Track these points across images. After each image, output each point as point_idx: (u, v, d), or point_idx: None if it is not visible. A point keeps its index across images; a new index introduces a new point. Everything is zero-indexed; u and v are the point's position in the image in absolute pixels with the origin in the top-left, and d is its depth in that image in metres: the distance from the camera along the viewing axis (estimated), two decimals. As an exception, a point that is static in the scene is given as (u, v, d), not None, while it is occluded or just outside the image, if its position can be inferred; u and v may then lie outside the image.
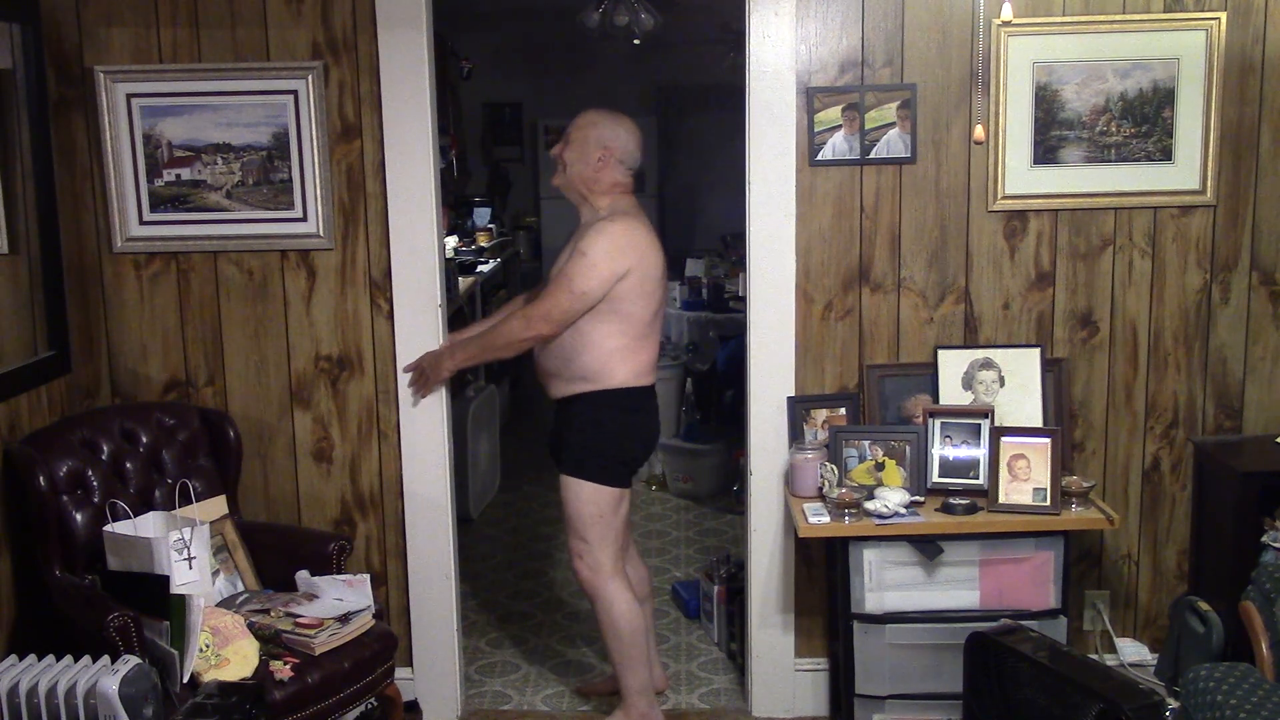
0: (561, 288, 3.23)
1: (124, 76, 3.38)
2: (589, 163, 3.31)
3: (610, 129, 3.32)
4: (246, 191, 3.46)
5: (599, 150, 3.30)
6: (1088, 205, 3.45)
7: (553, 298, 3.24)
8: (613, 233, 3.24)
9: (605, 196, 3.33)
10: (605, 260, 3.20)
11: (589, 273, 3.20)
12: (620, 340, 3.28)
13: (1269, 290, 3.50)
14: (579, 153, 3.32)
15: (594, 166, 3.30)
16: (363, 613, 3.07)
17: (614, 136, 3.32)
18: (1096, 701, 2.57)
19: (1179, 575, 3.64)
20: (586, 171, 3.31)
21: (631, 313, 3.27)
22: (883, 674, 3.24)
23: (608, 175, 3.32)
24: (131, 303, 3.51)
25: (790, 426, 3.50)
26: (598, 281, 3.20)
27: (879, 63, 3.40)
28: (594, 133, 3.31)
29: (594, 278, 3.20)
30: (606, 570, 3.37)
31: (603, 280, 3.20)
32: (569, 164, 3.34)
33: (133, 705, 2.56)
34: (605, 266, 3.20)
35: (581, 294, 3.21)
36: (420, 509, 3.59)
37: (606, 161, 3.31)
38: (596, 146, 3.30)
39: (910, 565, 3.22)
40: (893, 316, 3.51)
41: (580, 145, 3.32)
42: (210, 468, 3.38)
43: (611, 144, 3.31)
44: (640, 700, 3.45)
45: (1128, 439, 3.57)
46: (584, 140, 3.31)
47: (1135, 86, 3.39)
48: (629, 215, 3.31)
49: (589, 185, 3.32)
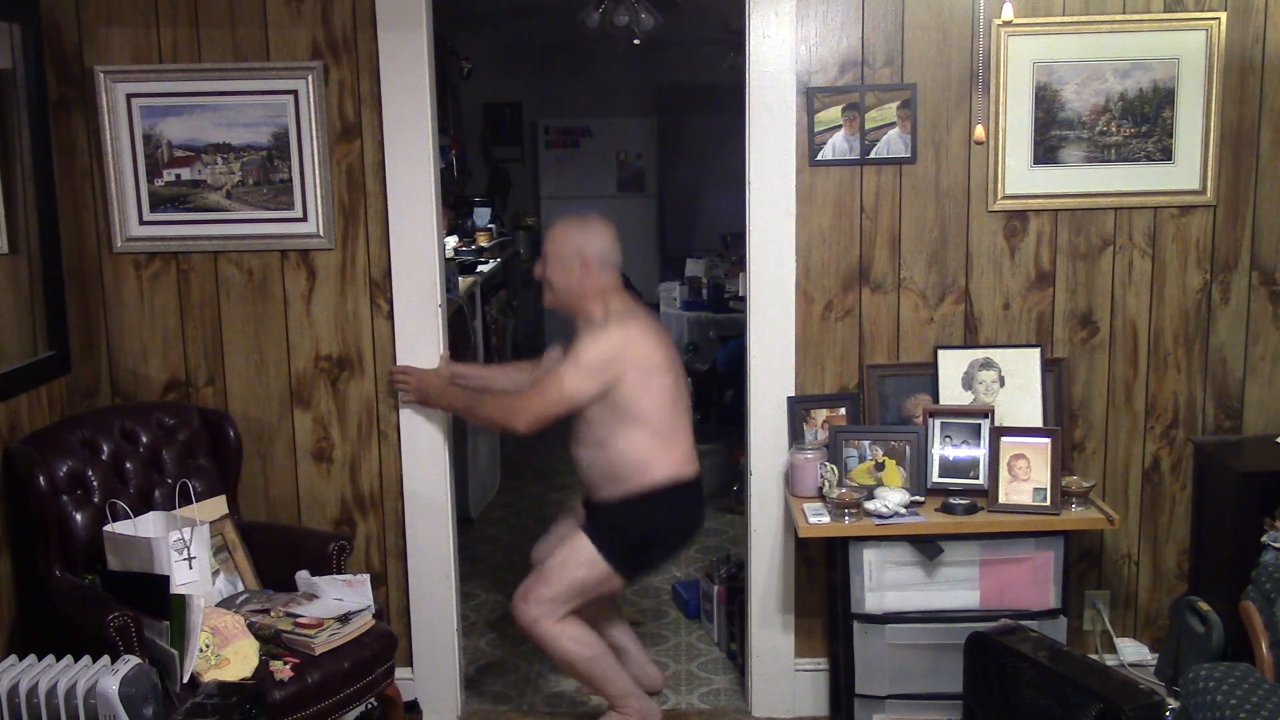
0: (551, 389, 3.25)
1: (124, 76, 3.38)
2: (573, 277, 3.32)
3: (581, 237, 3.34)
4: (246, 191, 3.46)
5: (577, 262, 3.31)
6: (1088, 205, 3.45)
7: (541, 397, 3.26)
8: (605, 338, 3.26)
9: (596, 302, 3.33)
10: (597, 366, 3.23)
11: (579, 378, 3.23)
12: (649, 441, 3.30)
13: (1269, 290, 3.50)
14: (559, 269, 3.34)
15: (578, 279, 3.32)
16: (363, 613, 3.07)
17: (587, 243, 3.32)
18: (1096, 701, 2.57)
19: (1179, 575, 3.64)
20: (573, 285, 3.33)
21: (646, 411, 3.28)
22: (883, 674, 3.24)
23: (592, 282, 3.33)
24: (131, 303, 3.51)
25: (790, 426, 3.50)
26: (587, 386, 3.23)
27: (879, 63, 3.40)
28: (567, 246, 3.33)
29: (583, 383, 3.23)
30: (547, 616, 3.31)
31: (592, 385, 3.23)
32: (553, 282, 3.36)
33: (133, 705, 2.56)
34: (596, 373, 3.23)
35: (570, 397, 3.24)
36: (420, 509, 3.59)
37: (588, 269, 3.32)
38: (574, 259, 3.32)
39: (910, 565, 3.22)
40: (893, 316, 3.51)
41: (558, 261, 3.34)
42: (210, 468, 3.38)
43: (586, 251, 3.32)
44: (630, 700, 3.44)
45: (1128, 439, 3.57)
46: (560, 256, 3.33)
47: (1135, 86, 3.39)
48: (623, 318, 3.32)
49: (578, 297, 3.34)
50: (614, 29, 6.41)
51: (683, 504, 3.41)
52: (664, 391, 3.31)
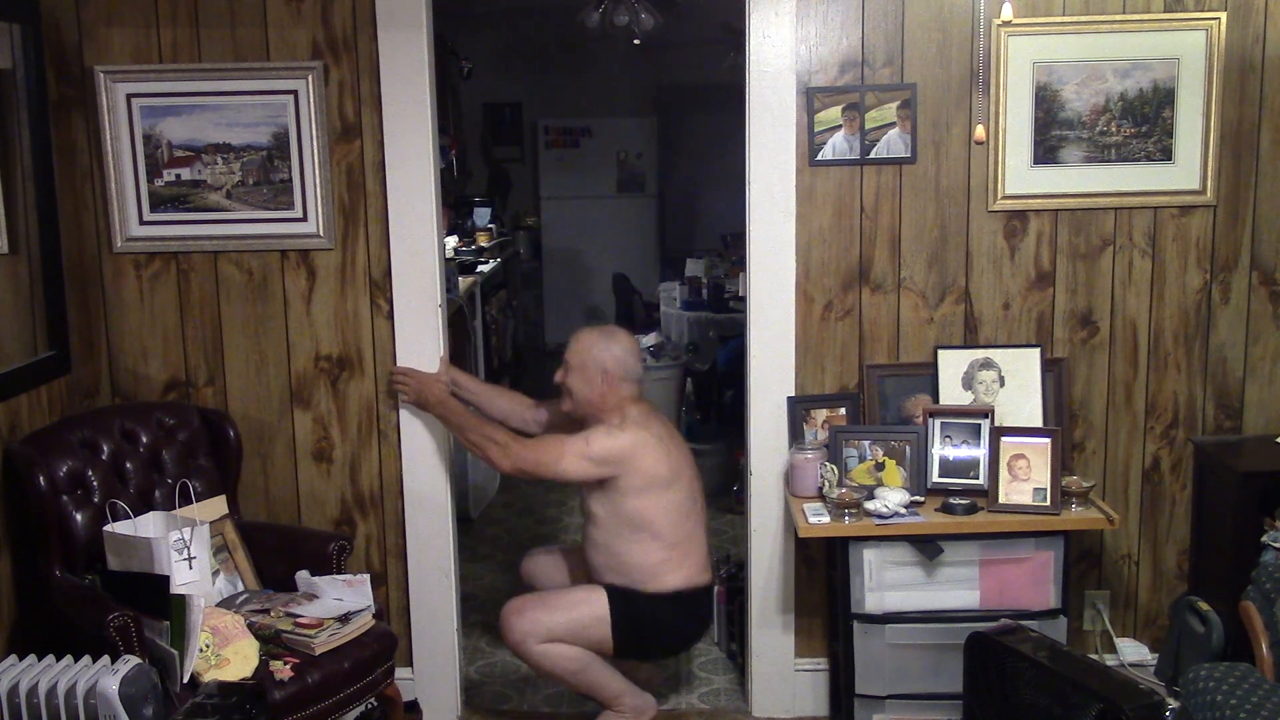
0: (549, 454, 3.28)
1: (124, 76, 3.38)
2: (594, 387, 3.35)
3: (605, 350, 3.35)
4: (246, 191, 3.46)
5: (599, 374, 3.33)
6: (1088, 205, 3.45)
7: (535, 455, 3.30)
8: (620, 437, 3.29)
9: (615, 414, 3.35)
10: (601, 459, 3.26)
11: (579, 461, 3.26)
12: (661, 552, 3.32)
13: (1269, 290, 3.50)
14: (581, 379, 3.36)
15: (598, 390, 3.34)
16: (363, 613, 3.07)
17: (610, 357, 3.35)
18: (1096, 701, 2.57)
19: (1179, 575, 3.64)
20: (593, 396, 3.35)
21: (656, 524, 3.30)
22: (883, 674, 3.24)
23: (613, 395, 3.35)
24: (131, 303, 3.51)
25: (790, 426, 3.50)
26: (582, 473, 3.29)
27: (879, 63, 3.40)
28: (591, 358, 3.35)
29: (581, 469, 3.27)
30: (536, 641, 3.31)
31: (587, 473, 3.28)
32: (574, 390, 3.37)
33: (133, 705, 2.56)
34: (597, 466, 3.26)
35: (561, 473, 3.30)
36: (420, 509, 3.59)
37: (610, 382, 3.34)
38: (596, 371, 3.34)
39: (910, 565, 3.22)
40: (893, 316, 3.51)
41: (580, 371, 3.36)
42: (210, 468, 3.38)
43: (610, 365, 3.34)
44: (624, 699, 3.45)
45: (1128, 439, 3.57)
46: (583, 366, 3.35)
47: (1135, 86, 3.39)
48: (639, 424, 3.33)
49: (597, 407, 3.36)
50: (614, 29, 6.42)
51: (694, 611, 3.44)
52: (674, 505, 3.34)
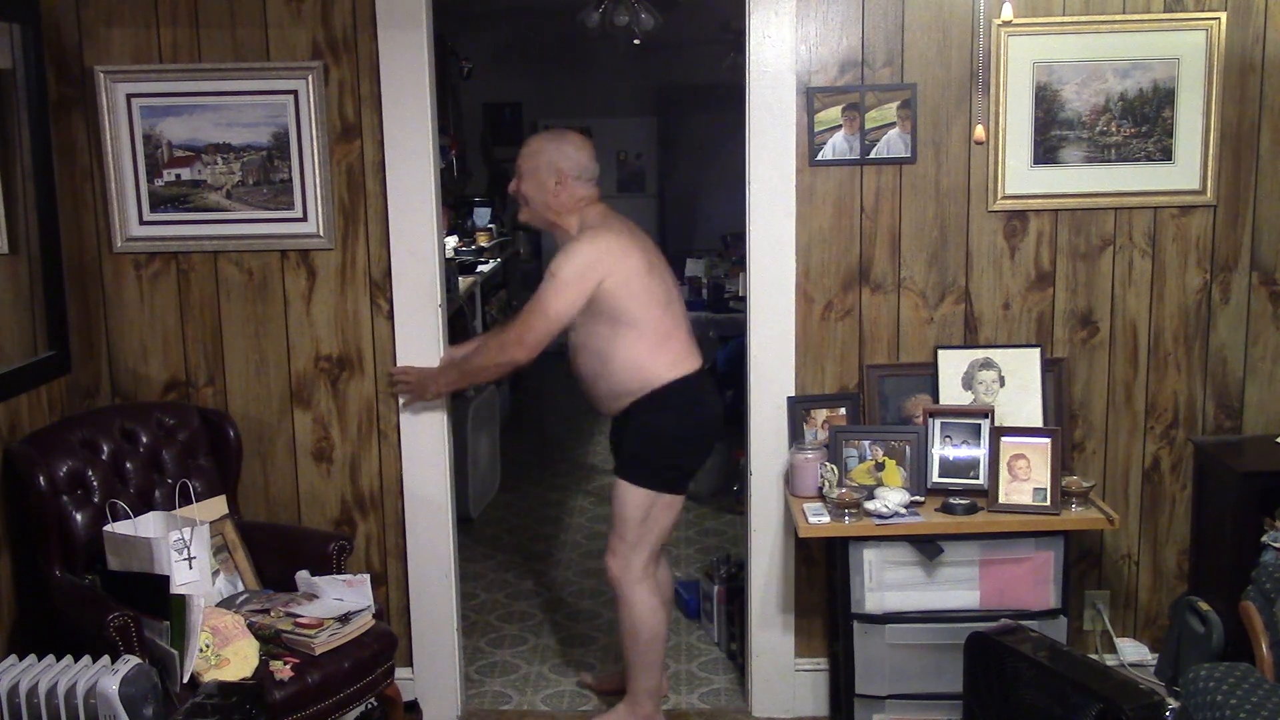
0: (534, 311, 3.24)
1: (124, 76, 3.38)
2: (547, 189, 3.30)
3: (557, 150, 3.31)
4: (246, 191, 3.46)
5: (552, 176, 3.29)
6: (1088, 205, 3.45)
7: (526, 321, 3.25)
8: (579, 250, 3.23)
9: (572, 215, 3.31)
10: (574, 279, 3.20)
11: (559, 293, 3.20)
12: (642, 344, 3.27)
13: (1269, 290, 3.50)
14: (534, 183, 3.31)
15: (553, 192, 3.30)
16: (363, 613, 3.07)
17: (563, 156, 3.30)
18: (1096, 701, 2.57)
19: (1179, 575, 3.64)
20: (548, 199, 3.31)
21: (637, 317, 3.25)
22: (883, 674, 3.24)
23: (568, 196, 3.30)
24: (131, 303, 3.51)
25: (790, 426, 3.50)
26: (568, 301, 3.21)
27: (879, 63, 3.40)
28: (543, 160, 3.30)
29: (564, 298, 3.20)
30: (635, 572, 3.37)
31: (573, 299, 3.20)
32: (529, 197, 3.34)
33: (133, 705, 2.56)
34: (575, 285, 3.20)
35: (555, 315, 3.22)
36: (420, 509, 3.59)
37: (564, 183, 3.29)
38: (549, 173, 3.29)
39: (910, 565, 3.22)
40: (893, 316, 3.51)
41: (533, 175, 3.31)
42: (210, 468, 3.38)
43: (562, 165, 3.29)
44: (648, 702, 3.46)
45: (1128, 439, 3.57)
46: (535, 170, 3.31)
47: (1135, 86, 3.39)
48: (598, 228, 3.28)
49: (554, 211, 3.32)
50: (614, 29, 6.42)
51: (692, 401, 3.35)
52: (650, 293, 3.27)
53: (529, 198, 3.33)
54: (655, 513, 3.35)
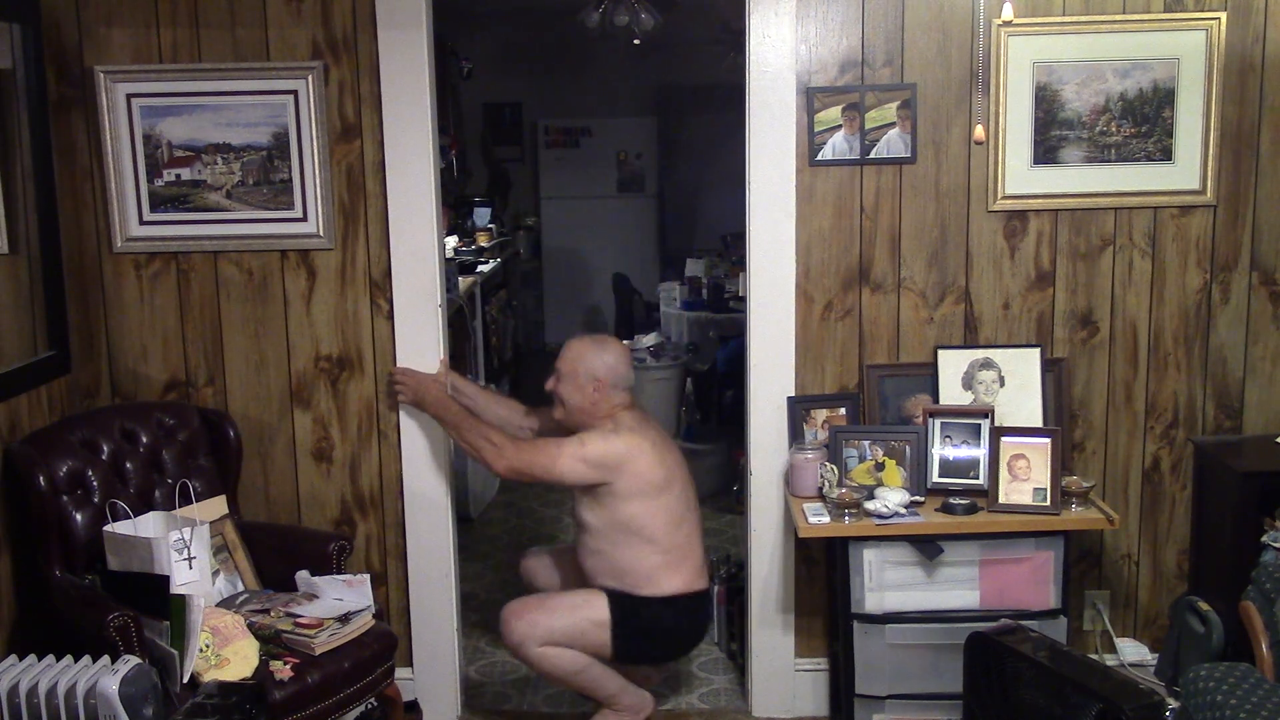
0: (544, 456, 3.27)
1: (124, 76, 3.38)
2: (585, 395, 3.34)
3: (597, 358, 3.35)
4: (246, 191, 3.46)
5: (591, 382, 3.33)
6: (1088, 205, 3.45)
7: (531, 457, 3.28)
8: (616, 442, 3.28)
9: (607, 421, 3.34)
10: (596, 462, 3.24)
11: (575, 462, 3.24)
12: (656, 558, 3.31)
13: (1269, 290, 3.50)
14: (572, 387, 3.35)
15: (590, 399, 3.34)
16: (363, 613, 3.07)
17: (601, 365, 3.34)
18: (1096, 701, 2.57)
19: (1179, 575, 3.64)
20: (584, 404, 3.35)
21: (651, 530, 3.29)
22: (883, 674, 3.24)
23: (605, 402, 3.35)
24: (131, 303, 3.51)
25: (790, 426, 3.50)
26: (578, 474, 3.26)
27: (879, 63, 3.40)
28: (582, 366, 3.34)
29: (578, 468, 3.25)
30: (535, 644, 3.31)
31: (584, 476, 3.26)
32: (565, 398, 3.37)
33: (133, 705, 2.56)
34: (595, 465, 3.25)
35: (558, 474, 3.27)
36: (420, 509, 3.59)
37: (601, 390, 3.33)
38: (588, 380, 3.33)
39: (910, 565, 3.22)
40: (893, 316, 3.51)
41: (572, 379, 3.35)
42: (210, 468, 3.38)
43: (601, 374, 3.33)
44: (623, 697, 3.45)
45: (1128, 439, 3.57)
46: (574, 374, 3.34)
47: (1135, 86, 3.39)
48: (632, 430, 3.32)
49: (589, 415, 3.35)
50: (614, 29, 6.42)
51: (692, 615, 3.43)
52: (668, 510, 3.32)
53: (565, 400, 3.37)
54: (593, 643, 3.32)
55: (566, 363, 3.38)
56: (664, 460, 3.34)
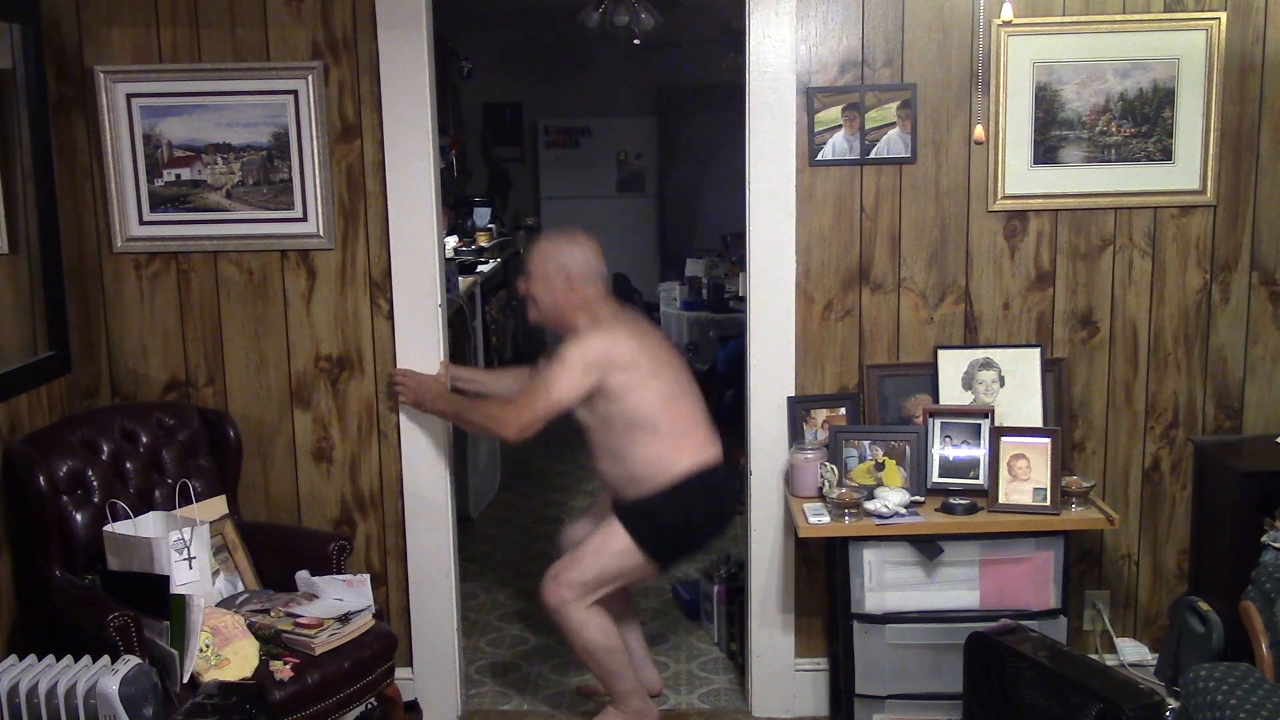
0: (537, 395, 3.24)
1: (124, 76, 3.38)
2: (558, 291, 3.32)
3: (566, 253, 3.33)
4: (246, 191, 3.46)
5: (561, 276, 3.31)
6: (1088, 205, 3.45)
7: (529, 405, 3.24)
8: (590, 340, 3.25)
9: (582, 314, 3.33)
10: (581, 366, 3.21)
11: (565, 377, 3.21)
12: (662, 443, 3.28)
13: (1269, 290, 3.50)
14: (544, 285, 3.34)
15: (563, 294, 3.32)
16: (363, 613, 3.07)
17: (570, 258, 3.32)
18: (1096, 701, 2.57)
19: (1179, 575, 3.64)
20: (558, 299, 3.33)
21: (649, 415, 3.26)
22: (883, 674, 3.24)
23: (577, 296, 3.33)
24: (131, 303, 3.51)
25: (790, 426, 3.50)
26: (572, 386, 3.22)
27: (879, 63, 3.40)
28: (551, 263, 3.33)
29: (569, 383, 3.21)
30: (577, 599, 3.31)
31: (578, 385, 3.21)
32: (539, 298, 3.36)
33: (133, 705, 2.56)
34: (581, 373, 3.21)
35: (557, 398, 3.22)
36: (420, 509, 3.59)
37: (572, 284, 3.32)
38: (558, 274, 3.32)
39: (910, 565, 3.22)
40: (893, 316, 3.51)
41: (542, 277, 3.34)
42: (210, 468, 3.38)
43: (570, 267, 3.32)
44: (633, 699, 3.45)
45: (1128, 439, 3.57)
46: (545, 272, 3.33)
47: (1135, 86, 3.40)
48: (609, 322, 3.31)
49: (563, 311, 3.34)
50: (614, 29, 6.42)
51: (710, 489, 3.36)
52: (661, 393, 3.29)
53: (539, 298, 3.36)
54: (632, 572, 3.33)
55: (536, 261, 3.36)
56: (645, 344, 3.31)
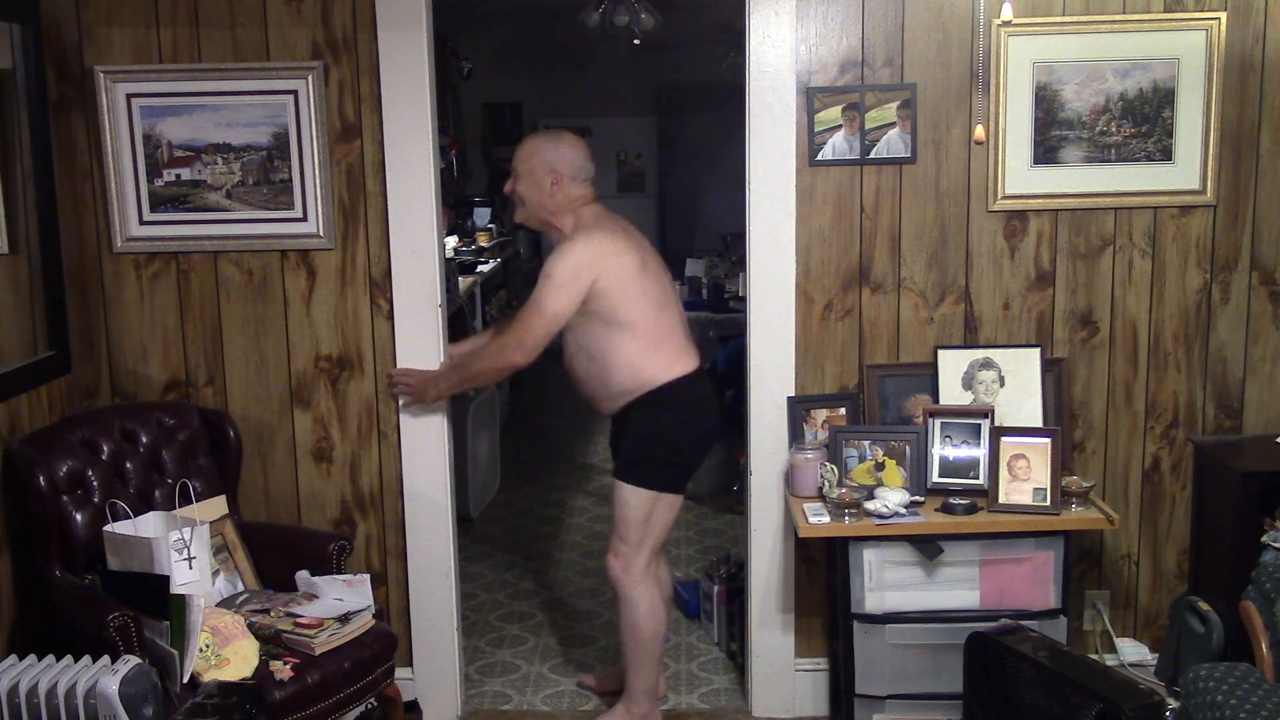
0: (531, 312, 3.23)
1: (124, 76, 3.38)
2: (543, 190, 3.30)
3: (553, 150, 3.32)
4: (246, 191, 3.46)
5: (548, 175, 3.29)
6: (1088, 205, 3.45)
7: (523, 323, 3.24)
8: (573, 249, 3.23)
9: (568, 216, 3.31)
10: (569, 278, 3.20)
11: (555, 294, 3.20)
12: (638, 345, 3.27)
13: (1269, 290, 3.50)
14: (530, 184, 3.32)
15: (549, 193, 3.30)
16: (363, 613, 3.07)
17: (559, 157, 3.30)
18: (1096, 701, 2.57)
19: (1179, 575, 3.64)
20: (543, 199, 3.31)
21: (633, 318, 3.25)
22: (883, 674, 3.24)
23: (563, 196, 3.30)
24: (131, 303, 3.51)
25: (790, 426, 3.50)
26: (564, 300, 3.20)
27: (879, 63, 3.40)
28: (538, 160, 3.31)
29: (560, 297, 3.20)
30: (637, 572, 3.37)
31: (569, 298, 3.20)
32: (524, 197, 3.34)
33: (133, 705, 2.56)
34: (570, 284, 3.19)
35: (553, 315, 3.21)
36: (420, 509, 3.59)
37: (560, 183, 3.30)
38: (545, 173, 3.30)
39: (910, 565, 3.22)
40: (893, 316, 3.51)
41: (529, 176, 3.32)
42: (210, 468, 3.38)
43: (558, 165, 3.30)
44: (645, 701, 3.47)
45: (1128, 439, 3.57)
46: (531, 171, 3.31)
47: (1135, 86, 3.40)
48: (592, 227, 3.28)
49: (549, 211, 3.32)
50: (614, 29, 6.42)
51: (690, 400, 3.34)
52: (644, 294, 3.27)
53: (524, 198, 3.34)
54: (656, 512, 3.36)
55: (522, 160, 3.34)
56: (631, 247, 3.29)
